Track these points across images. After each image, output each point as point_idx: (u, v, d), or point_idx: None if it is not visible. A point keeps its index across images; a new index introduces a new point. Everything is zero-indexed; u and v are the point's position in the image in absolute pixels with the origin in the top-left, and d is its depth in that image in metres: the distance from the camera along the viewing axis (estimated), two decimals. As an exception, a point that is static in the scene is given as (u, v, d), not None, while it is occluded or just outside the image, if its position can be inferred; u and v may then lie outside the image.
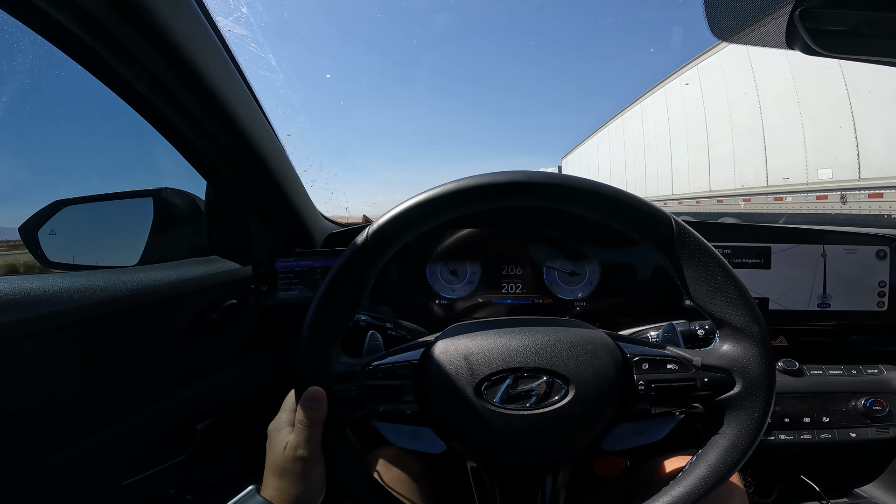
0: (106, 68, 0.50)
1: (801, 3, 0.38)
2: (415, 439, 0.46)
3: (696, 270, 0.42)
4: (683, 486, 0.41)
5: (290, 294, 0.76)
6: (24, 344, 0.47)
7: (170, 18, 0.45)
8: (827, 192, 4.81)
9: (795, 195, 5.18)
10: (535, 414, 0.41)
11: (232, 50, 0.59)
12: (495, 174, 0.42)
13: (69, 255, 0.67)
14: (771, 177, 5.54)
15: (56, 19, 0.42)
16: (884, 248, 0.79)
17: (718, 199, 6.44)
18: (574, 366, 0.42)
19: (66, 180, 0.83)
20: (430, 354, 0.45)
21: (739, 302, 0.41)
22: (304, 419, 0.41)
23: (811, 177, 4.98)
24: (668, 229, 0.42)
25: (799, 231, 0.81)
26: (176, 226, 0.76)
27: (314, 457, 0.42)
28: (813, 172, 4.96)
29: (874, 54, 0.44)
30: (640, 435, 0.45)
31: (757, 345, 0.41)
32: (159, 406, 0.61)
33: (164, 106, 0.56)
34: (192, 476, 0.67)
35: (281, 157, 0.73)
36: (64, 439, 0.51)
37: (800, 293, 0.80)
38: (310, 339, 0.43)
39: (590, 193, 0.42)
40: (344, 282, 0.43)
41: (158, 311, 0.61)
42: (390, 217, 0.43)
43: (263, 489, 0.42)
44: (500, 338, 0.44)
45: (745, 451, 0.40)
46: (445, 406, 0.43)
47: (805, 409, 0.76)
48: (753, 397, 0.41)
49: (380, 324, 0.68)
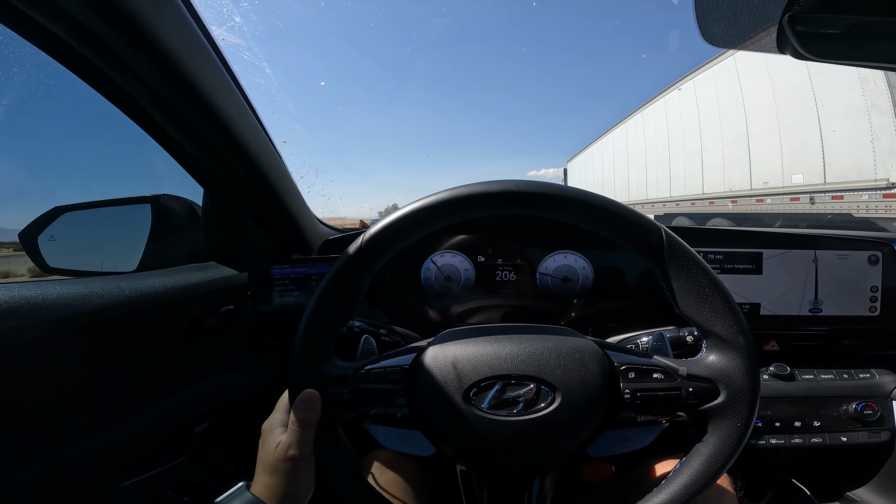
0: (101, 78, 0.51)
1: (791, 7, 0.38)
2: (405, 442, 0.47)
3: (684, 282, 0.43)
4: (667, 492, 0.41)
5: (285, 300, 0.77)
6: (24, 350, 0.48)
7: (164, 28, 0.46)
8: (799, 194, 5.56)
9: (774, 197, 5.95)
10: (523, 420, 0.42)
11: (226, 59, 0.60)
12: (488, 183, 0.43)
13: (68, 261, 0.68)
14: (754, 181, 6.29)
15: (51, 30, 0.43)
16: (875, 253, 0.80)
17: (710, 200, 7.14)
18: (561, 374, 0.43)
19: (65, 187, 0.84)
20: (422, 360, 0.46)
21: (726, 313, 0.42)
22: (297, 420, 0.42)
23: (786, 181, 5.72)
24: (657, 240, 0.43)
25: (790, 236, 0.81)
26: (174, 232, 0.77)
27: (305, 457, 0.43)
28: (788, 177, 5.70)
29: (864, 59, 0.44)
30: (626, 442, 0.46)
31: (742, 356, 0.42)
32: (158, 409, 0.62)
33: (160, 115, 0.56)
34: (190, 478, 0.68)
35: (277, 164, 0.74)
36: (63, 442, 0.52)
37: (791, 298, 0.80)
38: (304, 341, 0.44)
39: (581, 203, 0.43)
40: (339, 286, 0.44)
41: (156, 317, 0.62)
42: (385, 224, 0.43)
43: (253, 486, 0.43)
44: (490, 345, 0.45)
45: (728, 459, 0.41)
46: (435, 410, 0.44)
47: (796, 413, 0.77)
48: (737, 407, 0.41)
49: (373, 329, 0.69)
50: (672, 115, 8.09)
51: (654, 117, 8.84)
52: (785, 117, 5.64)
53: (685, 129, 7.63)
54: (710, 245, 0.79)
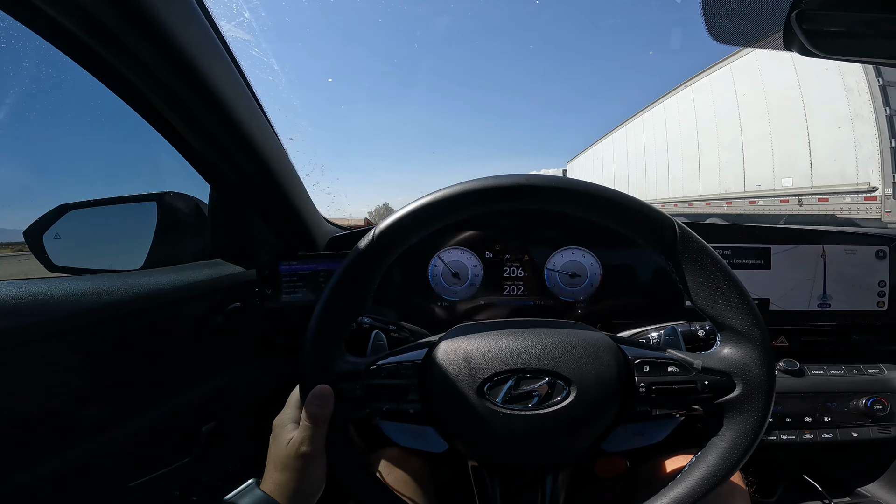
0: (110, 72, 0.51)
1: (798, 5, 0.38)
2: (417, 438, 0.47)
3: (698, 274, 0.42)
4: (682, 487, 0.41)
5: (293, 297, 0.76)
6: (31, 348, 0.47)
7: (173, 23, 0.46)
8: (788, 196, 6.02)
9: (765, 199, 6.41)
10: (537, 414, 0.42)
11: (235, 54, 0.59)
12: (499, 177, 0.43)
13: (74, 259, 0.68)
14: (748, 184, 6.72)
15: (61, 24, 0.43)
16: (883, 248, 0.80)
17: (707, 202, 7.56)
18: (576, 367, 0.43)
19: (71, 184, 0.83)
20: (434, 354, 0.45)
21: (741, 306, 0.41)
22: (309, 417, 0.42)
23: (777, 184, 6.18)
24: (670, 234, 0.42)
25: (798, 232, 0.81)
26: (180, 229, 0.77)
27: (317, 454, 0.42)
28: (779, 181, 6.15)
29: (871, 55, 0.44)
30: (641, 436, 0.45)
31: (757, 348, 0.41)
32: (165, 408, 0.61)
33: (168, 110, 0.56)
34: (198, 477, 0.68)
35: (283, 161, 0.73)
36: (71, 442, 0.51)
37: (800, 293, 0.80)
38: (315, 338, 0.44)
39: (592, 197, 0.43)
40: (350, 281, 0.44)
41: (163, 315, 0.62)
42: (395, 219, 0.43)
43: (263, 483, 0.43)
44: (503, 339, 0.45)
45: (744, 453, 0.41)
46: (448, 405, 0.44)
47: (806, 408, 0.76)
48: (753, 400, 0.41)
49: (382, 326, 0.68)
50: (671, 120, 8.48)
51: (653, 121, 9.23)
52: (777, 124, 6.09)
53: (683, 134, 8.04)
54: (719, 241, 0.79)
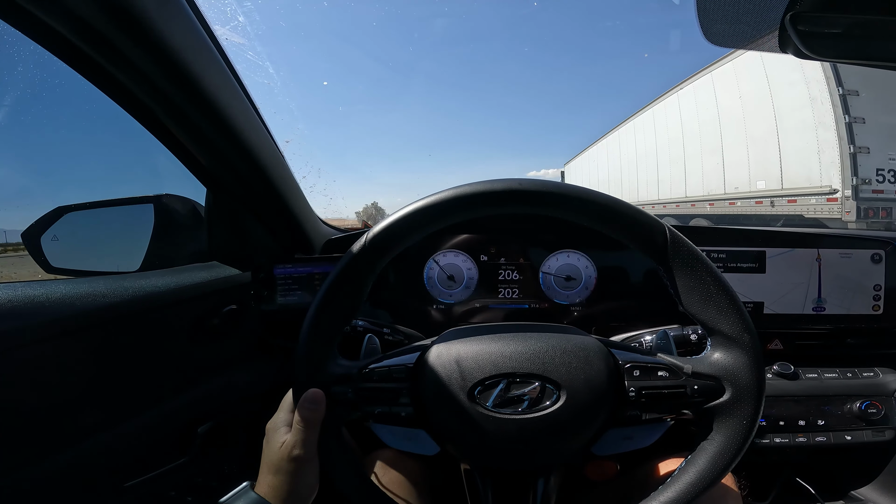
0: (104, 76, 0.51)
1: (793, 7, 0.38)
2: (409, 441, 0.47)
3: (688, 279, 0.43)
4: (672, 491, 0.41)
5: (289, 299, 0.77)
6: (27, 349, 0.48)
7: (168, 27, 0.46)
8: (762, 198, 6.47)
9: (742, 200, 6.86)
10: (527, 418, 0.42)
11: (230, 58, 0.60)
12: (492, 182, 0.43)
13: (71, 261, 0.68)
14: (727, 186, 7.16)
15: (55, 29, 0.43)
16: (878, 251, 0.80)
17: (692, 203, 8.02)
18: (566, 372, 0.43)
19: (68, 187, 0.84)
20: (426, 358, 0.45)
21: (731, 311, 0.42)
22: (301, 420, 0.42)
23: (752, 186, 6.62)
24: (661, 238, 0.43)
25: (793, 235, 0.81)
26: (176, 232, 0.77)
27: (309, 457, 0.43)
28: (754, 183, 6.59)
29: (865, 57, 0.44)
30: (631, 440, 0.45)
31: (747, 353, 0.42)
32: (161, 409, 0.62)
33: (163, 114, 0.56)
34: (193, 478, 0.68)
35: (279, 164, 0.74)
36: (67, 442, 0.52)
37: (795, 297, 0.80)
38: (308, 341, 0.44)
39: (584, 202, 0.43)
40: (343, 285, 0.44)
41: (159, 317, 0.62)
42: (387, 224, 0.43)
43: (258, 486, 0.43)
44: (495, 343, 0.45)
45: (734, 457, 0.41)
46: (439, 409, 0.44)
47: (800, 411, 0.77)
48: (742, 405, 0.41)
49: (377, 329, 0.69)
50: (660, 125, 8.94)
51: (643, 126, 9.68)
52: (752, 130, 6.48)
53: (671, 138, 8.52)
54: (714, 244, 0.79)
